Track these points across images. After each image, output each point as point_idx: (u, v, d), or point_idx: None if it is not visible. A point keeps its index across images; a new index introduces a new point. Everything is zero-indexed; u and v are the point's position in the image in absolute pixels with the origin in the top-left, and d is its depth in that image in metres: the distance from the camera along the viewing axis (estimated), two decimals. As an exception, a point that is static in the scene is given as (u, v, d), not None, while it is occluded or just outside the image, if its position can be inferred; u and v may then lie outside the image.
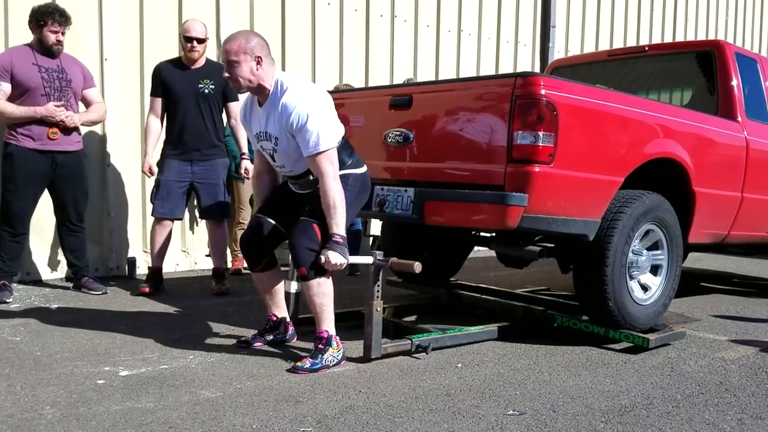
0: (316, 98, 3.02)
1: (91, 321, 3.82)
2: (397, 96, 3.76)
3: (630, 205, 3.55)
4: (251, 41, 3.02)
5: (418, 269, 3.06)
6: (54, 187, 4.50)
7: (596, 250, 3.50)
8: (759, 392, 2.93)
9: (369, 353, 3.15)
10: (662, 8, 10.10)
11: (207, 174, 4.68)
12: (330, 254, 2.92)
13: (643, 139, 3.63)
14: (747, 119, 4.44)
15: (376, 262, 3.10)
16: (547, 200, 3.25)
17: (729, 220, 4.38)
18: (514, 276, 5.59)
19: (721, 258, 7.52)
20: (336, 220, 2.96)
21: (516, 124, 3.17)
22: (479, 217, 3.34)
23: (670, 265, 3.86)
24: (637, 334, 3.55)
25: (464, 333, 3.56)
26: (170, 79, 4.62)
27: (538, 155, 3.16)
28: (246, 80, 3.01)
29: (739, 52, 4.59)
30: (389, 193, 3.69)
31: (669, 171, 3.86)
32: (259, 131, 3.17)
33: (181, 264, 5.71)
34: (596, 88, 3.52)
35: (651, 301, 3.77)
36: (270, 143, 3.13)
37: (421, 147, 3.63)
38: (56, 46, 4.38)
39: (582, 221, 3.41)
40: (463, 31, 7.67)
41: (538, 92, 3.15)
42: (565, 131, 3.21)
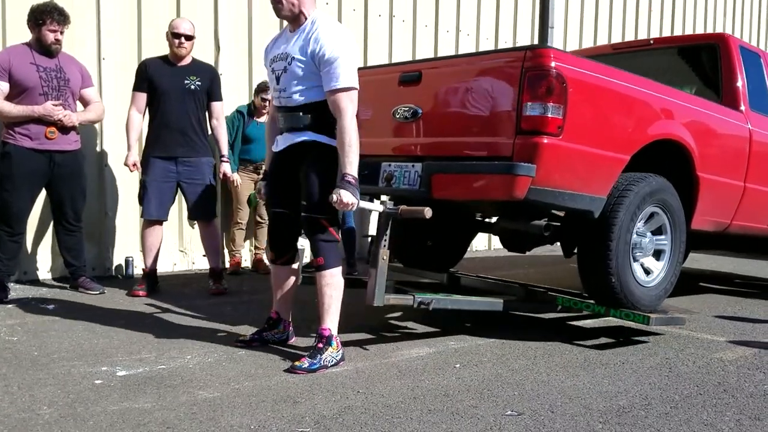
0: (349, 39, 3.06)
1: (88, 321, 3.81)
2: (407, 72, 3.76)
3: (636, 184, 3.58)
4: None
5: (428, 214, 3.05)
6: (52, 186, 4.49)
7: (601, 227, 3.52)
8: (757, 393, 2.94)
9: (372, 301, 3.14)
10: (660, 9, 10.11)
11: (192, 174, 4.65)
12: (342, 193, 2.92)
13: (650, 120, 3.66)
14: (750, 111, 4.49)
15: (385, 210, 3.11)
16: (555, 173, 3.26)
17: (732, 208, 4.41)
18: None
19: (719, 258, 7.53)
20: (350, 159, 2.97)
21: (525, 96, 3.18)
22: (487, 188, 3.32)
23: (673, 251, 3.88)
24: (637, 313, 3.57)
25: (467, 299, 3.55)
26: (156, 74, 4.59)
27: (546, 126, 3.18)
28: (290, 3, 3.06)
29: (743, 46, 4.65)
30: (396, 168, 3.69)
31: (674, 155, 3.89)
32: (277, 53, 3.17)
33: (179, 264, 5.71)
34: (605, 65, 3.53)
35: (653, 284, 3.80)
36: (284, 62, 3.12)
37: (430, 122, 3.64)
38: (55, 45, 4.36)
39: (588, 197, 3.43)
40: (462, 31, 7.67)
41: (548, 64, 3.17)
42: (573, 104, 3.23)
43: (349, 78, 2.99)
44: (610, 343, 3.73)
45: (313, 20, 3.09)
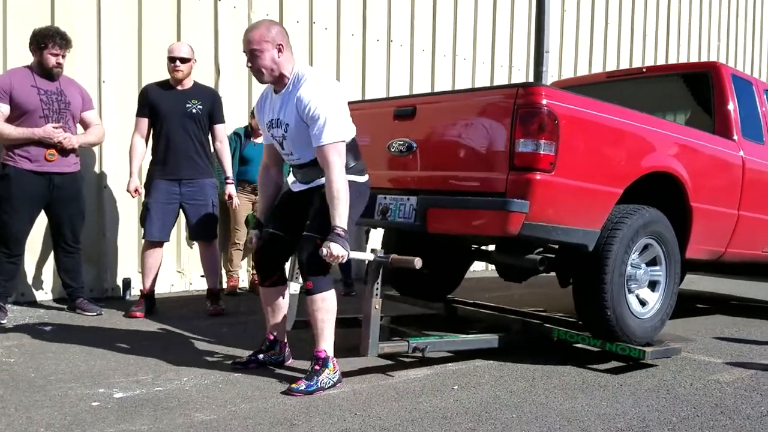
0: (333, 91, 3.08)
1: (85, 342, 3.80)
2: (401, 107, 3.81)
3: (630, 217, 3.60)
4: (272, 30, 3.08)
5: (418, 265, 3.06)
6: (51, 208, 4.50)
7: (596, 259, 3.53)
8: (754, 415, 2.94)
9: (366, 352, 3.12)
10: (654, 34, 10.25)
11: (195, 194, 4.69)
12: (332, 245, 2.93)
13: (643, 153, 3.69)
14: (743, 139, 4.51)
15: (376, 259, 3.11)
16: (548, 208, 3.29)
17: (726, 237, 4.42)
18: (511, 297, 5.59)
19: (717, 280, 7.54)
20: (339, 212, 2.98)
21: (518, 133, 3.22)
22: (481, 224, 3.35)
23: (668, 282, 3.89)
24: (633, 347, 3.57)
25: (461, 339, 3.55)
26: (157, 99, 4.65)
27: (539, 163, 3.21)
28: (268, 69, 3.08)
29: (735, 74, 4.68)
30: (392, 201, 3.72)
31: (667, 186, 3.91)
32: (271, 118, 3.21)
33: (177, 285, 5.71)
34: (596, 100, 3.57)
35: (649, 315, 3.80)
36: (281, 129, 3.16)
37: (424, 156, 3.68)
38: (56, 68, 4.41)
39: (582, 231, 3.44)
40: (458, 55, 7.76)
41: (539, 102, 3.21)
42: (565, 140, 3.26)
43: (334, 133, 3.01)
44: (608, 365, 3.73)
45: (294, 80, 3.11)
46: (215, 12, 5.84)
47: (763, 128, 4.78)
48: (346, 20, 6.70)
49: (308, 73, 3.11)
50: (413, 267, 3.06)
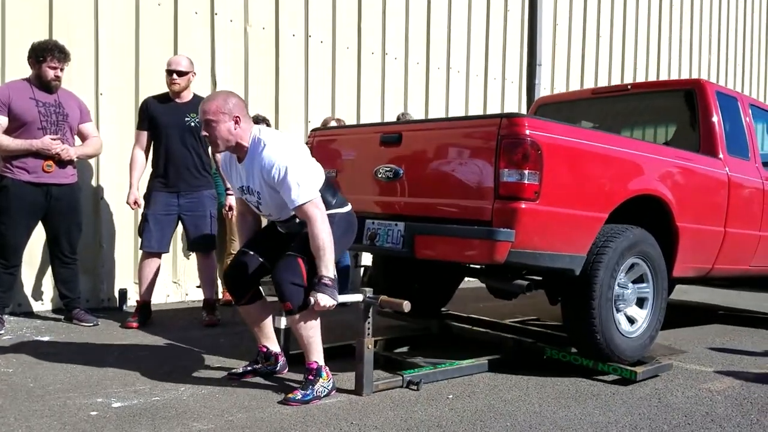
0: (293, 151, 3.09)
1: (83, 353, 3.82)
2: (387, 133, 3.86)
3: (615, 240, 3.63)
4: (229, 102, 3.08)
5: (407, 309, 3.09)
6: (48, 219, 4.53)
7: (583, 284, 3.57)
8: (744, 423, 2.98)
9: (360, 391, 3.17)
10: (646, 46, 10.37)
11: (194, 206, 4.73)
12: (319, 296, 2.96)
13: (626, 177, 3.73)
14: (728, 156, 4.53)
15: (366, 300, 3.14)
16: (534, 236, 3.33)
17: (713, 254, 4.45)
18: (504, 306, 5.62)
19: (708, 290, 7.60)
20: (325, 262, 3.00)
21: (502, 163, 3.27)
22: (468, 252, 3.40)
23: (655, 298, 3.92)
24: (625, 367, 3.61)
25: (455, 367, 3.59)
26: (156, 112, 4.70)
27: (524, 192, 3.25)
28: (224, 140, 3.08)
29: (719, 91, 4.71)
30: (380, 227, 3.76)
31: (652, 207, 3.95)
32: (241, 185, 3.25)
33: (172, 295, 5.73)
34: (579, 128, 3.62)
35: (637, 333, 3.83)
36: (254, 197, 3.21)
37: (411, 182, 3.72)
38: (54, 81, 4.46)
39: (568, 256, 3.49)
40: (452, 68, 7.85)
41: (522, 132, 3.25)
42: (549, 169, 3.30)
43: (307, 191, 3.03)
44: (601, 374, 3.77)
45: (253, 147, 3.11)
46: (212, 25, 5.90)
47: (748, 143, 4.81)
48: (342, 34, 6.77)
49: (265, 137, 3.11)
50: (402, 311, 3.11)
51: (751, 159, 4.78)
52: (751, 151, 4.80)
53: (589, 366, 3.68)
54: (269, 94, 6.19)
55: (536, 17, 8.59)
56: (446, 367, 3.57)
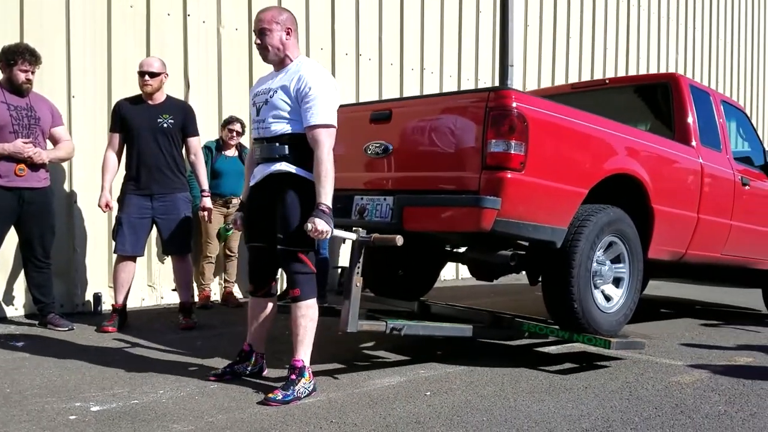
0: (331, 82, 3.22)
1: (59, 357, 3.80)
2: (377, 110, 3.93)
3: (595, 215, 3.77)
4: (283, 14, 3.25)
5: (399, 242, 3.17)
6: (21, 223, 4.49)
7: (563, 256, 3.69)
8: (712, 414, 3.08)
9: (345, 327, 3.22)
10: (615, 48, 10.55)
11: (168, 209, 4.70)
12: (317, 221, 3.01)
13: (607, 155, 3.88)
14: (701, 146, 4.70)
15: (358, 239, 3.21)
16: (519, 205, 3.44)
17: (686, 238, 4.60)
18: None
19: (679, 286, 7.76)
20: (325, 189, 3.07)
21: (490, 134, 3.38)
22: (455, 221, 3.49)
23: (631, 278, 4.05)
24: (599, 337, 3.73)
25: (437, 325, 3.67)
26: (129, 114, 4.67)
27: (510, 162, 3.37)
28: (275, 48, 3.22)
29: (693, 85, 4.89)
30: (369, 201, 3.82)
31: (630, 188, 4.08)
32: (261, 88, 3.31)
33: (147, 299, 5.70)
34: (563, 105, 3.73)
35: (613, 310, 3.97)
36: (265, 96, 3.25)
37: (400, 157, 3.81)
38: (26, 84, 4.42)
39: (550, 228, 3.60)
40: (426, 69, 7.91)
41: (509, 104, 3.37)
42: (535, 141, 3.43)
43: (328, 115, 3.13)
44: (574, 368, 3.86)
45: (298, 62, 3.26)
46: (184, 27, 5.88)
47: (720, 136, 4.98)
48: (315, 35, 6.79)
49: (313, 62, 3.28)
50: (395, 244, 3.17)
51: (722, 151, 4.95)
52: (723, 143, 4.98)
53: (565, 337, 3.79)
54: (243, 96, 6.17)
55: (507, 18, 8.66)
56: (428, 323, 3.63)
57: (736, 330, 5.34)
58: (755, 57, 13.89)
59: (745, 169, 5.14)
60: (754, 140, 5.59)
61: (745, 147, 5.60)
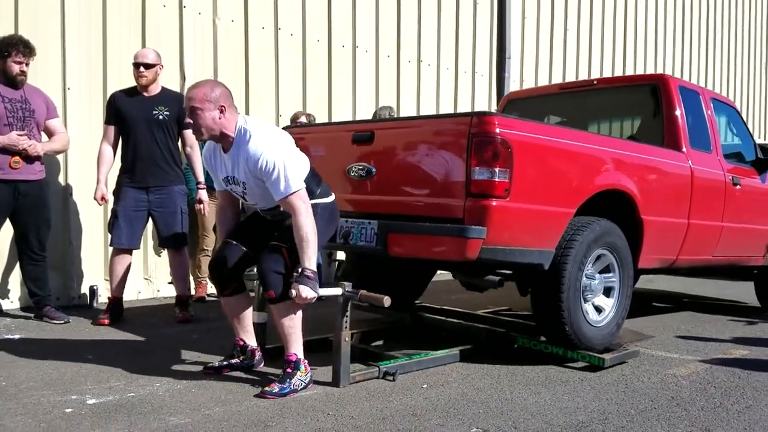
0: (279, 142, 3.10)
1: (55, 350, 3.79)
2: (359, 131, 3.88)
3: (582, 233, 3.71)
4: (215, 90, 3.08)
5: (387, 303, 3.13)
6: (16, 216, 4.47)
7: (552, 277, 3.65)
8: (708, 406, 3.09)
9: (338, 382, 3.21)
10: (612, 40, 10.54)
11: (164, 202, 4.68)
12: (301, 288, 2.99)
13: (593, 172, 3.82)
14: (691, 149, 4.64)
15: (345, 294, 3.17)
16: (504, 232, 3.39)
17: (677, 245, 4.57)
18: (476, 298, 5.71)
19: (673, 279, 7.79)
20: (308, 254, 3.03)
21: (473, 161, 3.32)
22: (440, 249, 3.46)
23: (621, 287, 4.02)
24: (593, 354, 3.70)
25: (429, 357, 3.66)
26: (124, 106, 4.64)
27: (494, 190, 3.31)
28: (208, 128, 3.08)
29: (682, 85, 4.81)
30: (353, 225, 3.78)
31: (618, 200, 4.04)
32: (226, 176, 3.25)
33: (144, 292, 5.69)
34: (548, 125, 3.68)
35: (605, 322, 3.93)
36: (239, 187, 3.22)
37: (384, 181, 3.75)
38: (20, 76, 4.39)
39: (537, 251, 3.56)
40: (423, 61, 7.89)
41: (492, 131, 3.30)
42: (519, 167, 3.37)
43: (293, 182, 3.05)
44: (570, 361, 3.86)
45: (239, 137, 3.12)
46: (180, 18, 5.85)
47: (710, 137, 4.93)
48: (312, 26, 6.76)
49: (251, 128, 3.11)
50: (382, 305, 3.14)
51: (713, 152, 4.90)
52: (713, 143, 4.93)
53: (559, 354, 3.77)
54: (239, 88, 6.15)
55: (505, 10, 8.68)
56: (421, 357, 3.63)
57: (731, 323, 5.36)
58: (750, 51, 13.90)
59: (735, 167, 5.09)
60: (745, 136, 5.55)
61: (735, 143, 5.57)
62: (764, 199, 5.42)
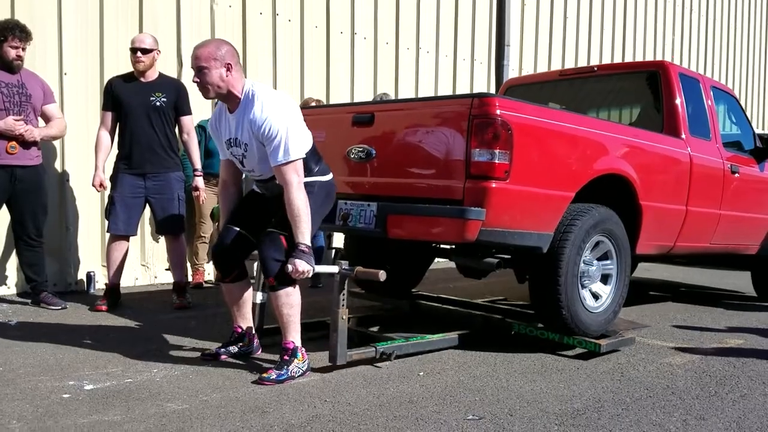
0: (285, 108, 3.10)
1: (52, 336, 3.80)
2: (359, 113, 3.87)
3: (581, 218, 3.72)
4: (222, 48, 3.09)
5: (382, 278, 3.15)
6: (12, 201, 4.46)
7: (550, 261, 3.66)
8: (703, 395, 3.11)
9: (335, 361, 3.22)
10: (611, 27, 10.49)
11: (161, 188, 4.67)
12: (297, 262, 2.99)
13: (593, 157, 3.81)
14: (690, 136, 4.65)
15: (341, 272, 3.18)
16: (504, 214, 3.40)
17: (675, 232, 4.59)
18: (473, 287, 5.73)
19: (670, 268, 7.81)
20: (301, 229, 3.03)
21: (473, 142, 3.32)
22: (440, 231, 3.46)
23: (619, 275, 4.04)
24: (589, 340, 3.72)
25: (426, 341, 3.67)
26: (121, 92, 4.61)
27: (494, 172, 3.31)
28: (215, 86, 3.08)
29: (682, 72, 4.81)
30: (353, 207, 3.78)
31: (617, 186, 4.04)
32: (229, 138, 3.24)
33: (141, 278, 5.69)
34: (548, 108, 3.68)
35: (602, 308, 3.94)
36: (240, 149, 3.20)
37: (383, 163, 3.74)
38: (16, 61, 4.37)
39: (536, 234, 3.57)
40: (422, 48, 7.85)
41: (493, 112, 3.30)
42: (519, 149, 3.37)
43: (291, 150, 3.05)
44: (565, 349, 3.88)
45: (246, 99, 3.12)
46: (177, 3, 5.81)
47: (710, 124, 4.94)
48: (310, 12, 6.72)
49: (259, 91, 3.12)
50: (377, 280, 3.16)
51: (712, 139, 4.90)
52: (713, 131, 4.93)
53: (555, 339, 3.79)
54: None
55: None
56: (418, 340, 3.64)
57: (727, 312, 5.38)
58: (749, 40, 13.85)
59: (734, 155, 5.10)
60: (744, 125, 5.55)
61: (735, 131, 5.57)
62: (762, 188, 5.43)
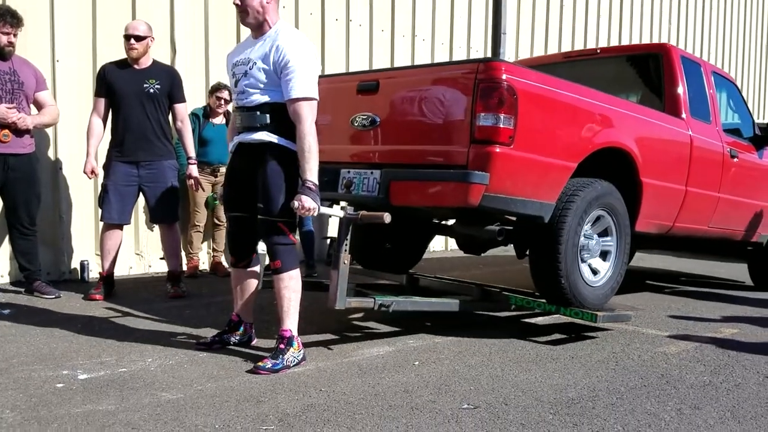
0: (311, 51, 3.15)
1: (45, 325, 3.78)
2: (364, 81, 3.85)
3: (583, 190, 3.75)
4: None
5: (387, 219, 3.15)
6: (5, 190, 4.43)
7: (551, 230, 3.68)
8: (697, 384, 3.12)
9: (333, 304, 3.22)
10: (608, 16, 10.45)
11: (154, 176, 4.63)
12: (303, 198, 2.99)
13: (596, 129, 3.84)
14: (691, 118, 4.69)
15: (346, 216, 3.19)
16: (507, 180, 3.41)
17: (674, 211, 4.61)
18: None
19: (665, 258, 7.84)
20: (309, 166, 3.04)
21: (478, 107, 3.32)
22: (443, 196, 3.46)
23: (618, 252, 4.06)
24: (586, 311, 3.74)
25: (425, 301, 3.67)
26: (114, 79, 4.57)
27: (498, 136, 3.32)
28: (255, 10, 3.11)
29: (684, 56, 4.86)
30: (356, 175, 3.78)
31: (619, 161, 4.06)
32: (239, 58, 3.23)
33: (135, 267, 5.67)
34: (554, 77, 3.68)
35: (600, 283, 3.97)
36: (244, 67, 3.18)
37: (387, 130, 3.74)
38: (8, 48, 4.32)
39: (538, 203, 3.59)
40: (417, 36, 7.81)
41: (499, 77, 3.31)
42: (524, 115, 3.38)
43: (308, 88, 3.07)
44: (560, 338, 3.89)
45: (276, 29, 3.16)
46: (171, -10, 5.75)
47: (710, 108, 4.97)
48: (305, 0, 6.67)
49: (291, 29, 3.18)
50: (382, 222, 3.15)
51: (712, 123, 4.94)
52: (713, 115, 4.97)
53: (552, 311, 3.81)
54: (232, 62, 6.07)
55: (501, -15, 8.57)
56: (417, 298, 3.63)
57: (722, 302, 5.40)
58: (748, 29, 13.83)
59: (734, 141, 5.14)
60: (744, 112, 5.58)
61: (734, 119, 5.60)
62: (760, 175, 5.46)
